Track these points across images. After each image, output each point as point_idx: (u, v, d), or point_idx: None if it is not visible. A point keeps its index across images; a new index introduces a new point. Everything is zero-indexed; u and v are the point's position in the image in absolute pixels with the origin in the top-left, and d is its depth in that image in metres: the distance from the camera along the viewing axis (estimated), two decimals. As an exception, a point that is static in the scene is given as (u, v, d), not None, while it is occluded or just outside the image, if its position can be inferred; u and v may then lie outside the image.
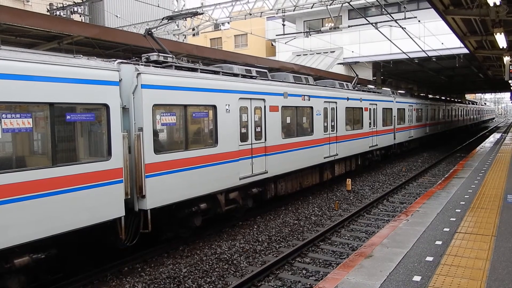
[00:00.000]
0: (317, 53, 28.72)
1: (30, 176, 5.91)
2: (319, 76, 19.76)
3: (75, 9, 22.33)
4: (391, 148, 22.19)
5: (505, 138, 29.11)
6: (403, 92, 29.68)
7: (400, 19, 17.72)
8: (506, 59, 15.62)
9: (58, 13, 22.17)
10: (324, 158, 14.48)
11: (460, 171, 13.75)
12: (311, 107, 13.62)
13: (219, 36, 42.61)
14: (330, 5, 20.49)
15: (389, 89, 24.62)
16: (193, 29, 27.88)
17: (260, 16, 25.48)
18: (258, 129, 11.02)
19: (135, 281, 7.50)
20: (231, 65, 11.05)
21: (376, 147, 19.55)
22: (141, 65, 7.97)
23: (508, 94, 79.88)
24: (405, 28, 17.59)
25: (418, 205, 9.07)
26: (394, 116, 22.08)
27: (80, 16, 22.38)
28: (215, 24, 27.51)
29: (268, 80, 11.89)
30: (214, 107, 9.39)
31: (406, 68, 30.55)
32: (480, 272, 5.32)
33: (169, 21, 10.51)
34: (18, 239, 5.75)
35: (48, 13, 21.28)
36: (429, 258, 5.83)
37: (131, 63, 7.84)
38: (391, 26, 20.52)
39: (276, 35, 31.65)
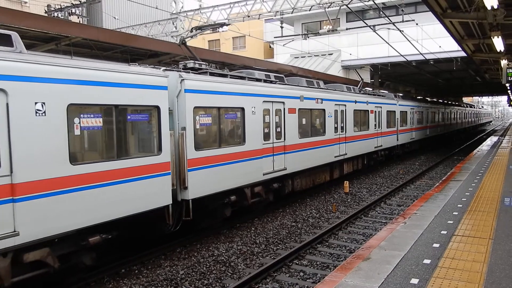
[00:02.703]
0: (315, 56, 28.79)
1: (102, 167, 6.94)
2: (328, 80, 19.88)
3: (73, 10, 22.29)
4: (394, 149, 23.00)
5: (502, 141, 29.19)
6: (404, 95, 29.99)
7: (398, 22, 17.77)
8: (504, 62, 15.68)
9: (56, 14, 22.14)
10: (335, 157, 15.46)
11: (457, 174, 13.78)
12: (324, 110, 14.63)
13: (217, 38, 42.62)
14: (328, 8, 20.53)
15: (391, 93, 24.97)
16: (191, 31, 27.90)
17: (258, 18, 25.55)
18: (278, 130, 11.99)
19: (132, 283, 7.48)
20: (252, 71, 12.08)
21: (381, 148, 20.48)
22: (183, 71, 9.04)
23: (505, 98, 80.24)
24: (403, 31, 17.63)
25: (416, 207, 9.08)
26: (397, 119, 23.00)
27: (78, 17, 22.34)
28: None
29: (285, 84, 12.86)
30: (242, 109, 10.44)
31: (404, 71, 30.65)
32: (477, 275, 5.32)
33: (199, 31, 11.67)
34: (94, 220, 6.80)
35: (46, 15, 21.24)
36: (427, 261, 5.83)
37: (174, 70, 8.96)
38: (389, 29, 20.59)
39: (274, 37, 31.69)
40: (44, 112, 6.14)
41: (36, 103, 6.04)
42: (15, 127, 5.78)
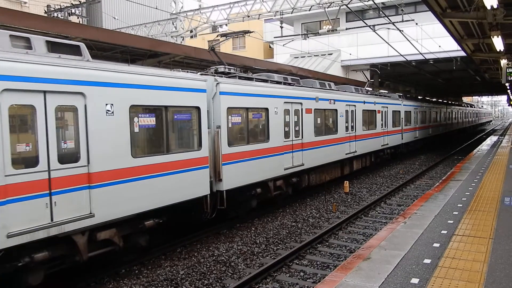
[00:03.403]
0: (315, 56, 28.79)
1: (155, 160, 7.97)
2: (336, 82, 20.05)
3: (73, 10, 22.28)
4: (399, 147, 23.88)
5: (502, 141, 29.20)
6: (408, 96, 30.29)
7: (397, 22, 17.78)
8: (503, 62, 15.68)
9: (55, 14, 22.13)
10: (346, 154, 16.46)
11: (457, 173, 13.78)
12: (336, 110, 15.62)
13: (217, 38, 42.61)
14: (327, 8, 20.54)
15: (395, 94, 25.36)
16: (191, 31, 27.90)
17: (258, 18, 25.55)
18: (297, 128, 12.96)
19: (133, 283, 7.47)
20: (272, 74, 13.19)
21: (387, 146, 21.43)
22: (216, 76, 10.03)
23: (505, 97, 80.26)
24: (402, 30, 17.63)
25: (416, 207, 9.08)
26: (402, 118, 23.90)
27: (78, 18, 22.33)
28: (213, 26, 27.54)
29: (302, 86, 13.86)
30: (266, 110, 11.44)
31: (403, 71, 30.65)
32: (477, 275, 5.32)
33: (224, 38, 12.56)
34: (149, 206, 7.82)
35: (46, 15, 21.23)
36: (427, 261, 5.83)
37: (208, 75, 10.08)
38: (388, 28, 20.60)
39: (274, 37, 31.68)
40: (113, 112, 7.19)
41: (106, 104, 7.08)
42: (91, 124, 6.80)
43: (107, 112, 7.08)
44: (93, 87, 6.83)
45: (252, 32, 14.57)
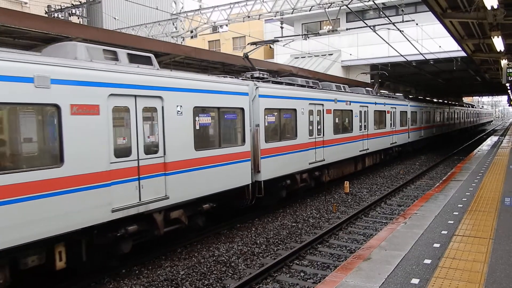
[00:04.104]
0: (315, 56, 28.78)
1: (211, 153, 9.42)
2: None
3: (73, 11, 22.29)
4: (406, 145, 25.10)
5: (502, 141, 29.19)
6: (414, 97, 30.87)
7: (398, 22, 17.75)
8: (504, 62, 15.67)
9: (56, 15, 22.14)
10: (359, 151, 17.80)
11: (457, 173, 13.78)
12: (351, 110, 16.95)
13: (217, 39, 42.63)
14: (328, 8, 20.54)
15: (402, 95, 25.94)
16: (191, 31, 27.92)
17: (259, 19, 25.57)
18: (319, 127, 14.31)
19: (133, 283, 7.48)
20: (295, 78, 14.59)
21: (395, 144, 22.75)
22: (254, 80, 11.56)
23: (505, 97, 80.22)
24: (403, 31, 17.62)
25: (416, 207, 9.08)
26: (409, 118, 25.16)
27: (78, 18, 22.34)
28: (213, 27, 27.55)
29: (323, 89, 15.23)
30: (294, 110, 12.81)
31: (404, 71, 30.66)
32: (478, 275, 5.32)
33: (254, 46, 13.60)
34: (207, 191, 9.25)
35: (46, 15, 21.24)
36: (427, 261, 5.83)
37: (248, 80, 11.56)
38: (389, 29, 20.61)
39: (274, 38, 31.67)
40: (181, 112, 8.58)
41: (177, 106, 8.46)
42: (166, 122, 8.19)
43: (177, 112, 8.50)
44: (168, 91, 8.26)
45: (280, 40, 16.52)
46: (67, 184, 6.43)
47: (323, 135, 14.49)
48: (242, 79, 11.27)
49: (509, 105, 70.23)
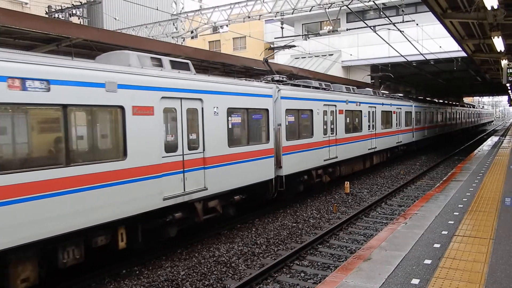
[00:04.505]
0: (315, 56, 28.77)
1: (241, 149, 10.44)
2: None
3: (74, 11, 22.29)
4: (410, 144, 25.96)
5: (502, 141, 29.17)
6: (418, 98, 31.54)
7: (398, 23, 17.78)
8: (504, 62, 15.67)
9: (56, 15, 22.15)
10: (368, 149, 18.78)
11: (458, 174, 13.77)
12: (361, 111, 17.90)
13: (217, 39, 42.64)
14: (328, 8, 20.54)
15: (406, 96, 26.34)
16: (192, 32, 27.92)
17: (259, 19, 25.55)
18: (332, 126, 15.22)
19: (133, 283, 7.48)
20: (310, 80, 15.54)
21: (401, 143, 23.72)
22: (276, 83, 12.51)
23: (505, 98, 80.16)
24: (403, 31, 17.63)
25: (417, 208, 9.08)
26: (413, 118, 26.00)
27: (79, 18, 22.34)
28: (214, 27, 27.55)
29: (335, 91, 16.24)
30: (311, 111, 13.78)
31: (404, 71, 30.66)
32: (478, 275, 5.32)
33: (276, 51, 14.74)
34: (238, 184, 10.31)
35: (47, 16, 21.25)
36: (428, 261, 5.83)
37: (270, 83, 12.59)
38: (389, 29, 20.61)
39: (275, 38, 31.62)
40: (217, 113, 9.58)
41: (214, 107, 9.45)
42: (205, 122, 9.17)
43: (214, 113, 9.48)
44: (206, 94, 9.22)
45: (296, 46, 17.20)
46: (129, 175, 7.41)
47: (336, 134, 15.50)
48: (265, 82, 12.38)
49: (509, 105, 70.20)
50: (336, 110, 15.47)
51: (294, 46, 15.05)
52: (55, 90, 6.30)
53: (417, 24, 21.42)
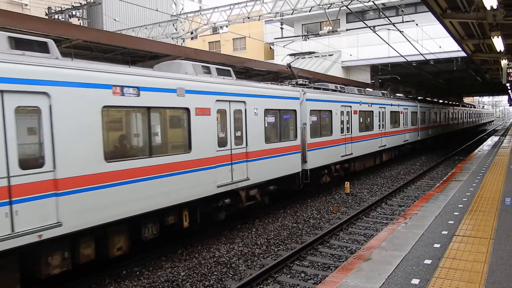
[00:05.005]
0: (315, 57, 28.76)
1: (275, 145, 11.80)
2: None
3: (74, 12, 22.33)
4: (416, 143, 27.25)
5: (502, 141, 29.17)
6: (423, 98, 32.72)
7: (398, 23, 17.77)
8: (504, 62, 15.66)
9: (56, 16, 22.17)
10: (379, 147, 20.23)
11: (458, 174, 13.78)
12: (372, 111, 19.27)
13: (217, 40, 42.66)
14: (328, 9, 20.54)
15: (413, 97, 26.89)
16: (192, 33, 27.93)
17: (259, 20, 25.54)
18: (348, 126, 16.63)
19: (134, 284, 7.48)
20: (326, 83, 16.88)
21: (407, 142, 25.11)
22: (300, 87, 13.91)
23: (505, 98, 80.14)
24: (403, 31, 17.62)
25: (417, 208, 9.08)
26: (418, 118, 27.29)
27: (79, 19, 22.37)
28: (214, 28, 27.56)
29: (348, 93, 17.67)
30: (330, 112, 15.26)
31: (404, 71, 30.63)
32: (478, 275, 5.32)
33: (296, 57, 16.10)
34: (272, 176, 11.67)
35: (47, 17, 21.27)
36: (428, 261, 5.83)
37: (295, 85, 13.97)
38: (389, 29, 20.61)
39: (275, 39, 31.67)
40: (257, 113, 11.02)
41: (254, 108, 10.90)
42: (248, 121, 10.61)
43: (254, 113, 10.89)
44: (249, 97, 10.67)
45: (315, 52, 19.50)
46: (193, 165, 8.86)
47: (351, 132, 16.89)
48: (291, 86, 13.80)
49: (509, 105, 70.18)
50: (351, 111, 16.88)
51: (313, 52, 17.49)
52: (142, 95, 7.76)
53: (416, 24, 21.37)
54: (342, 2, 20.43)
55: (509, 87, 28.61)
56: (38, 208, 6.09)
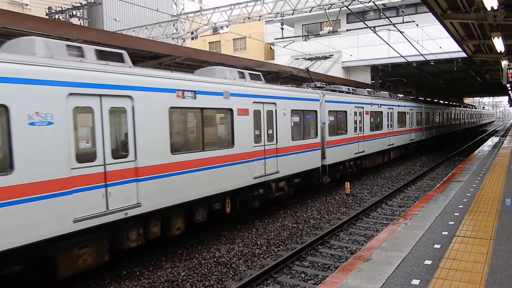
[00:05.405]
0: (315, 57, 28.76)
1: (299, 142, 12.95)
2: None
3: (74, 12, 22.33)
4: (420, 142, 28.31)
5: (503, 142, 29.15)
6: (427, 100, 33.39)
7: (398, 23, 17.77)
8: (504, 63, 15.66)
9: (57, 17, 22.18)
10: (387, 145, 21.42)
11: (458, 174, 13.77)
12: (382, 112, 20.53)
13: (217, 40, 42.66)
14: (328, 9, 20.54)
15: (415, 98, 27.31)
16: (192, 33, 27.93)
17: (259, 20, 25.55)
18: (360, 125, 17.88)
19: (134, 284, 7.48)
20: (340, 86, 18.18)
21: (413, 141, 26.34)
22: (321, 90, 15.23)
23: (506, 98, 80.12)
24: (403, 32, 17.63)
25: (417, 208, 9.07)
26: (423, 119, 28.47)
27: (79, 19, 22.38)
28: (214, 28, 27.56)
29: (360, 94, 18.90)
30: (345, 112, 16.52)
31: (404, 72, 30.65)
32: (478, 276, 5.32)
33: (313, 62, 16.83)
34: (296, 170, 12.85)
35: (47, 17, 21.26)
36: (428, 262, 5.83)
37: (313, 88, 15.24)
38: (389, 30, 20.58)
39: (275, 39, 31.68)
40: (285, 114, 12.25)
41: (283, 109, 12.14)
42: (278, 120, 11.83)
43: (283, 114, 12.11)
44: (279, 99, 11.97)
45: (331, 57, 21.04)
46: (235, 159, 10.12)
47: (363, 131, 18.09)
48: (311, 88, 15.07)
49: (510, 106, 70.19)
50: (363, 111, 18.16)
51: (328, 57, 19.41)
52: (198, 98, 9.05)
53: (417, 25, 21.39)
54: (342, 2, 20.44)
55: (509, 88, 28.61)
56: (125, 191, 7.36)
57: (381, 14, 19.76)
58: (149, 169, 7.81)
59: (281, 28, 23.70)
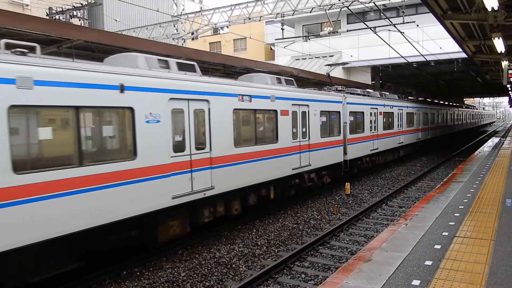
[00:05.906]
0: (316, 57, 28.78)
1: (326, 139, 14.65)
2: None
3: (74, 13, 22.35)
4: (426, 141, 29.80)
5: (503, 142, 29.14)
6: (432, 100, 34.90)
7: (398, 24, 17.76)
8: (504, 63, 15.66)
9: (57, 17, 22.19)
10: (398, 143, 23.15)
11: (459, 175, 13.76)
12: (393, 112, 22.25)
13: (218, 40, 42.67)
14: (329, 10, 20.55)
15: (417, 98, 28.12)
16: (192, 33, 27.94)
17: (259, 20, 25.56)
18: (375, 125, 19.64)
19: (134, 285, 7.48)
20: (355, 89, 19.77)
21: (420, 139, 28.00)
22: (343, 93, 17.14)
23: (506, 99, 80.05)
24: (403, 32, 17.62)
25: (417, 209, 9.07)
26: (429, 119, 30.03)
27: (80, 20, 22.39)
28: (214, 28, 27.56)
29: (373, 96, 20.47)
30: (362, 113, 18.32)
31: (404, 72, 30.63)
32: (479, 276, 5.32)
33: (329, 67, 19.44)
34: (322, 164, 14.45)
35: (48, 17, 21.27)
36: (428, 262, 5.83)
37: (335, 91, 17.00)
38: (389, 30, 20.56)
39: (275, 39, 31.65)
40: (316, 114, 13.93)
41: (314, 110, 13.77)
42: (310, 120, 13.53)
43: (314, 114, 13.80)
44: (311, 102, 13.67)
45: (348, 63, 22.47)
46: (279, 152, 11.95)
47: (377, 130, 19.72)
48: (335, 92, 16.72)
49: (510, 106, 70.15)
50: (377, 112, 19.89)
51: (346, 63, 22.06)
52: (253, 101, 10.86)
53: (417, 25, 21.36)
54: (342, 3, 20.45)
55: (509, 88, 28.59)
56: (203, 176, 9.14)
57: (382, 14, 19.75)
58: (219, 159, 9.61)
59: (282, 28, 23.66)
